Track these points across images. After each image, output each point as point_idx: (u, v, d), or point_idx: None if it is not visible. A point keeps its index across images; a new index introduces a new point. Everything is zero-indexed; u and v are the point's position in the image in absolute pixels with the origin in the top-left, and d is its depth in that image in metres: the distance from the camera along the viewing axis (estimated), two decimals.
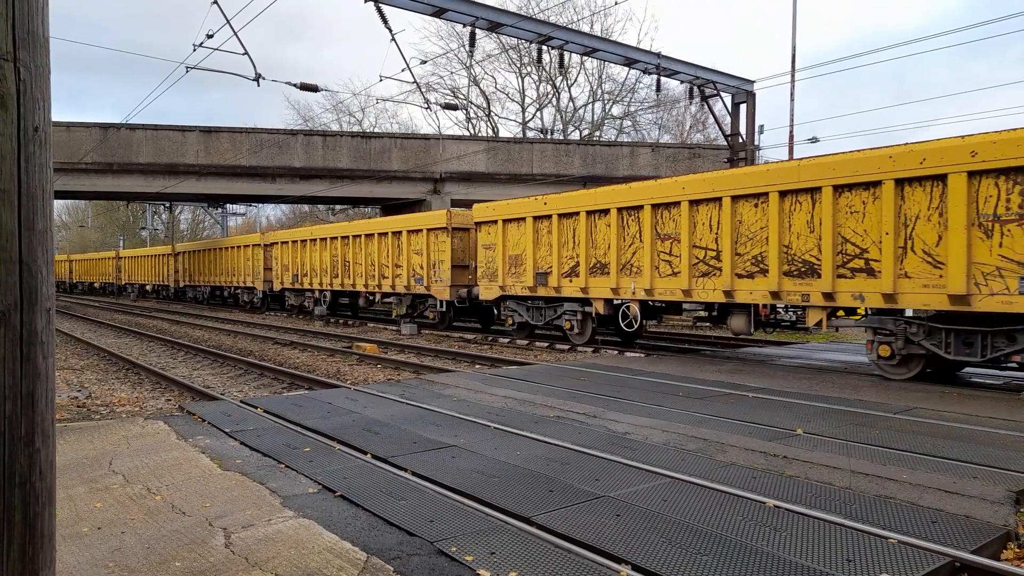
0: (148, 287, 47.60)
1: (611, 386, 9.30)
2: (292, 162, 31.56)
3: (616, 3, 33.84)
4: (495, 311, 18.23)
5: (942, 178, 9.38)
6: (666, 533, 4.02)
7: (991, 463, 5.44)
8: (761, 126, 27.27)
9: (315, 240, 26.63)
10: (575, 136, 46.16)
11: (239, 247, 33.42)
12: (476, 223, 18.03)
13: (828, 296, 10.70)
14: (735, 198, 11.94)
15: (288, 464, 5.56)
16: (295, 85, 19.19)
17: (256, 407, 7.98)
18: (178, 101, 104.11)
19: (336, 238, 25.29)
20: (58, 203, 72.24)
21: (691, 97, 22.71)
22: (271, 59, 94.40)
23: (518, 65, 46.25)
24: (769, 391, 8.91)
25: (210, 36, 16.03)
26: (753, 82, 22.45)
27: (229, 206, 48.28)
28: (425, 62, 34.35)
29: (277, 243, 29.73)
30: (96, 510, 4.51)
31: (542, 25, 19.54)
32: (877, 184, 10.02)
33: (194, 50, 16.33)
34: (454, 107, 24.53)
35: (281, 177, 31.90)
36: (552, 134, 46.51)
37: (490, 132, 47.45)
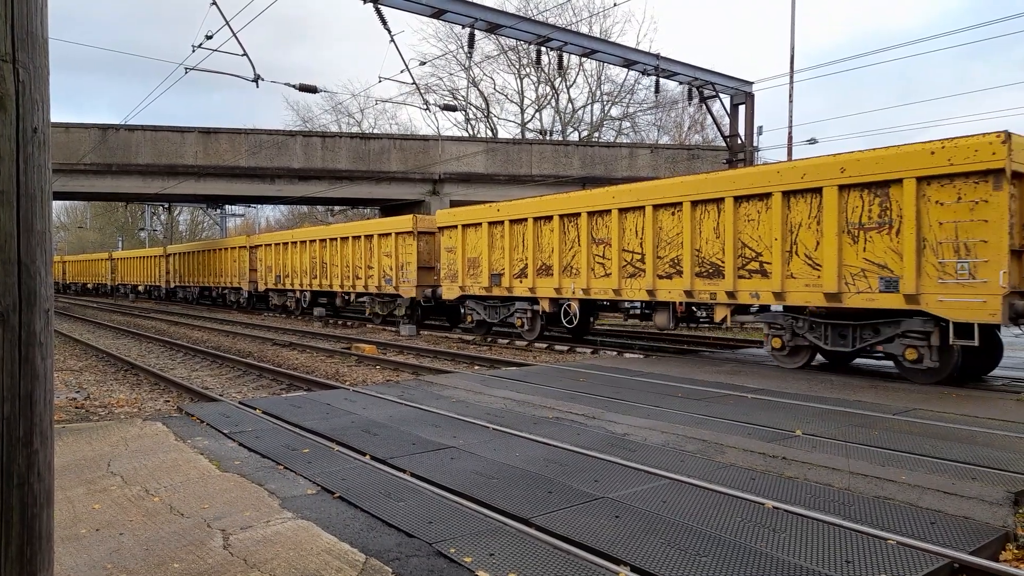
0: (140, 288, 49.19)
1: (610, 387, 9.30)
2: (291, 163, 31.56)
3: (615, 4, 33.87)
4: (461, 310, 19.34)
5: (818, 191, 10.67)
6: (665, 534, 4.02)
7: (990, 464, 5.45)
8: (760, 127, 27.32)
9: (296, 243, 28.09)
10: (574, 137, 46.20)
11: (226, 249, 34.74)
12: (439, 228, 19.40)
13: (731, 295, 12.01)
14: (656, 207, 13.31)
15: (287, 465, 5.55)
16: (294, 86, 19.20)
17: (255, 408, 7.97)
18: (178, 103, 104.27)
19: (315, 241, 26.67)
20: (57, 204, 72.20)
21: (690, 98, 22.74)
22: (272, 61, 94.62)
23: (517, 66, 46.33)
24: (768, 392, 8.91)
25: (209, 37, 16.03)
26: (752, 83, 22.47)
27: (228, 207, 48.29)
28: (424, 63, 34.41)
29: (261, 245, 31.20)
30: (94, 511, 4.50)
31: (541, 26, 19.56)
32: (768, 196, 11.34)
33: (193, 51, 16.33)
34: (453, 108, 24.54)
35: (280, 178, 31.89)
36: (551, 135, 46.55)
37: (489, 133, 47.49)
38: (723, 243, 12.06)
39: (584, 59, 24.94)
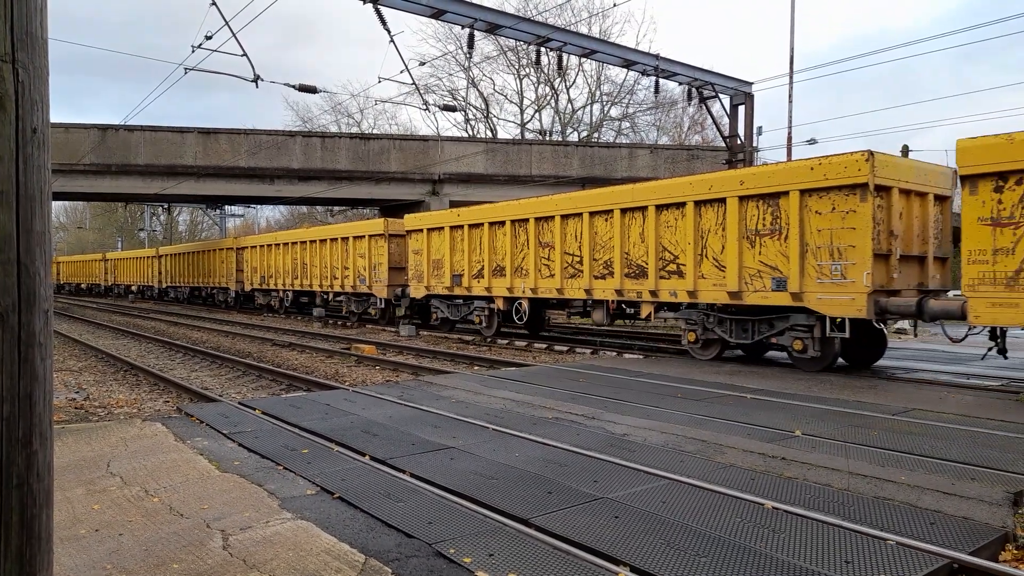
0: (134, 287, 50.52)
1: (609, 387, 9.30)
2: (291, 163, 31.55)
3: (615, 4, 33.87)
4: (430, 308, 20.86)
5: (723, 201, 12.00)
6: (664, 535, 4.02)
7: (989, 464, 5.45)
8: (759, 127, 27.31)
9: (278, 245, 29.71)
10: (573, 138, 46.20)
11: (215, 251, 36.21)
12: (407, 231, 20.75)
13: (653, 293, 13.41)
14: (591, 214, 14.63)
15: (286, 466, 5.55)
16: (293, 86, 19.19)
17: (254, 409, 7.97)
18: (179, 104, 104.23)
19: (296, 243, 28.19)
20: (56, 204, 72.18)
21: (689, 99, 22.74)
22: (275, 63, 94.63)
23: (516, 67, 46.31)
24: (767, 392, 8.91)
25: (208, 37, 16.03)
26: (751, 84, 22.48)
27: (227, 207, 48.29)
28: (424, 64, 34.43)
29: (247, 247, 32.78)
30: (94, 512, 4.50)
31: (540, 27, 19.56)
32: (683, 205, 12.68)
33: (192, 51, 16.33)
34: (453, 109, 24.60)
35: (280, 178, 31.89)
36: (550, 136, 46.56)
37: (488, 134, 47.49)
38: (647, 247, 13.42)
39: (584, 59, 24.96)
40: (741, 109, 22.49)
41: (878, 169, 10.28)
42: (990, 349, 9.87)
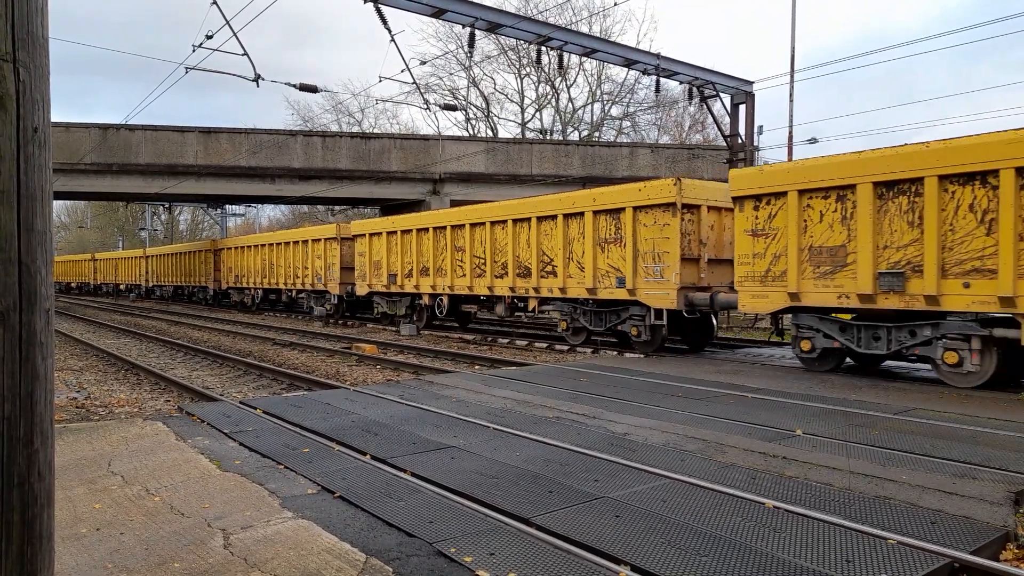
0: (122, 287, 52.88)
1: (610, 387, 9.30)
2: (291, 163, 31.55)
3: (615, 4, 33.84)
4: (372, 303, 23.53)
5: (582, 215, 14.97)
6: (665, 534, 4.02)
7: (990, 464, 5.45)
8: (760, 127, 27.31)
9: (250, 247, 32.49)
10: (574, 137, 46.18)
11: (195, 252, 39.07)
12: (353, 235, 23.52)
13: (536, 290, 16.33)
14: (492, 223, 17.37)
15: (287, 465, 5.55)
16: (294, 86, 19.19)
17: (255, 408, 7.97)
18: (181, 104, 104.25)
19: (265, 245, 30.98)
20: (57, 204, 72.28)
21: (690, 98, 22.72)
22: (277, 63, 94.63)
23: (517, 66, 46.31)
24: (768, 391, 8.91)
25: (209, 37, 16.03)
26: (752, 83, 22.46)
27: (228, 207, 48.29)
28: (424, 63, 34.37)
29: (223, 249, 35.63)
30: (95, 511, 4.50)
31: (541, 26, 19.55)
32: (555, 217, 15.58)
33: (193, 51, 16.33)
34: (453, 108, 24.53)
35: (280, 178, 31.89)
36: (551, 135, 46.54)
37: (489, 133, 47.48)
38: (531, 252, 16.25)
39: (584, 59, 24.93)
40: (742, 108, 22.47)
41: (684, 191, 13.15)
42: (772, 333, 12.74)
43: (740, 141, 22.24)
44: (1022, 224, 8.70)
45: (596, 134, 46.93)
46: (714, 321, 14.66)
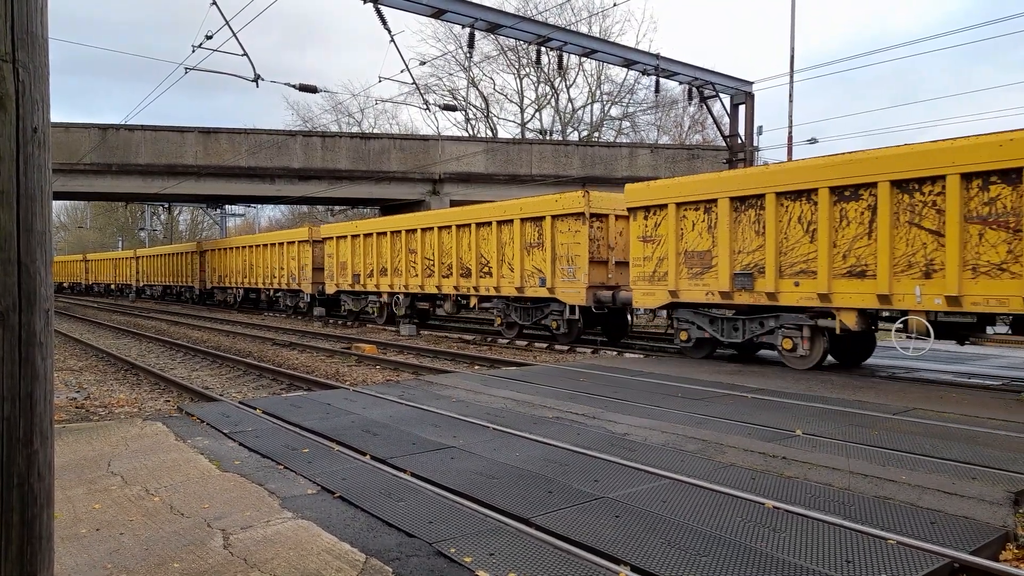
0: (112, 286, 54.89)
1: (610, 387, 9.30)
2: (291, 163, 31.55)
3: (615, 4, 33.86)
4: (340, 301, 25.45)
5: (511, 222, 16.98)
6: (665, 534, 4.02)
7: (990, 464, 5.45)
8: (760, 127, 27.30)
9: (232, 248, 34.32)
10: (574, 137, 46.19)
11: (183, 253, 41.06)
12: (323, 238, 25.53)
13: (476, 289, 18.21)
14: (439, 228, 19.43)
15: (287, 465, 5.55)
16: (294, 86, 19.19)
17: (255, 408, 7.97)
18: (182, 105, 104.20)
19: (245, 247, 32.78)
20: (57, 204, 72.32)
21: (690, 98, 22.73)
22: (279, 64, 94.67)
23: (517, 66, 46.32)
24: (768, 392, 8.91)
25: (209, 37, 16.03)
26: (752, 83, 22.47)
27: (228, 207, 48.30)
28: (424, 63, 34.42)
29: (207, 250, 37.73)
30: (94, 511, 4.50)
31: (541, 26, 19.56)
32: (490, 223, 17.65)
33: (193, 51, 16.33)
34: (453, 108, 24.61)
35: (280, 178, 31.89)
36: (551, 135, 46.55)
37: (489, 133, 47.49)
38: (472, 254, 18.18)
39: (584, 59, 24.95)
40: (742, 108, 22.48)
41: (592, 203, 15.19)
42: (669, 326, 14.14)
43: (740, 141, 22.24)
44: (836, 234, 10.49)
45: (596, 134, 46.94)
46: (629, 317, 16.46)
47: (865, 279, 10.21)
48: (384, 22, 15.70)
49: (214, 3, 15.21)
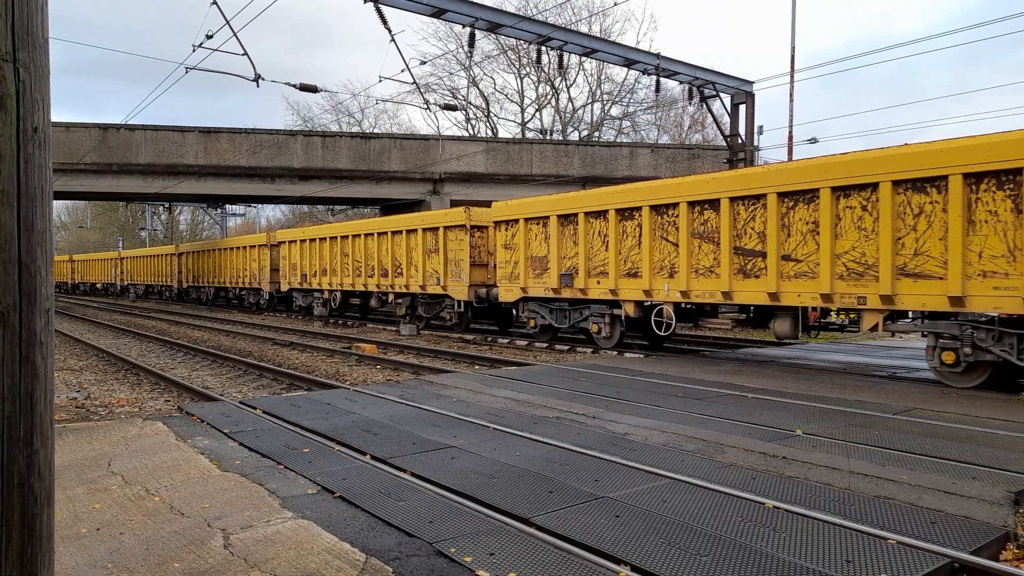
0: (99, 285, 58.30)
1: (610, 387, 9.30)
2: (291, 163, 31.54)
3: (615, 4, 33.84)
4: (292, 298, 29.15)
5: (416, 230, 20.66)
6: (665, 534, 4.02)
7: (990, 464, 5.45)
8: (760, 127, 27.28)
9: (205, 251, 37.89)
10: (574, 137, 46.17)
11: (162, 255, 44.68)
12: (278, 242, 29.24)
13: (391, 287, 21.94)
14: (366, 235, 23.27)
15: (287, 465, 5.55)
16: (295, 86, 19.19)
17: (255, 408, 7.97)
18: (184, 106, 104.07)
19: (215, 250, 36.41)
20: (57, 203, 72.36)
21: (690, 98, 22.72)
22: (286, 66, 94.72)
23: (517, 66, 46.29)
24: (768, 392, 8.91)
25: (209, 36, 16.03)
26: (752, 83, 22.46)
27: (228, 207, 48.30)
28: (424, 63, 34.29)
29: (184, 253, 41.16)
30: (95, 511, 4.50)
31: (541, 26, 19.55)
32: (401, 232, 21.39)
33: (193, 50, 16.32)
34: (453, 108, 24.55)
35: (280, 178, 31.88)
36: (551, 135, 46.53)
37: (489, 133, 47.47)
38: (388, 257, 21.99)
39: (584, 58, 24.95)
40: (742, 108, 22.47)
41: (473, 217, 18.70)
42: (527, 320, 16.79)
43: (740, 141, 22.23)
44: (620, 244, 13.87)
45: (596, 134, 46.93)
46: (514, 312, 18.01)
47: (637, 278, 13.58)
48: (384, 21, 15.70)
49: (214, 3, 15.20)
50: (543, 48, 19.25)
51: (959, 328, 9.34)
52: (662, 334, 13.65)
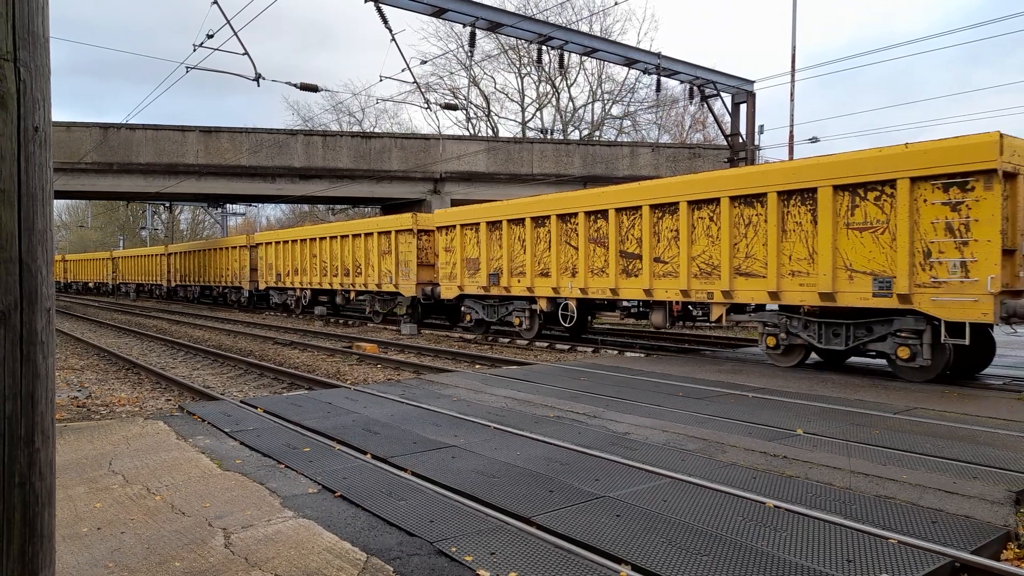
0: (91, 284, 60.46)
1: (611, 386, 9.30)
2: (292, 162, 31.54)
3: (616, 3, 33.82)
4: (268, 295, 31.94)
5: (372, 234, 22.94)
6: (666, 533, 4.02)
7: (991, 463, 5.44)
8: (761, 126, 27.23)
9: (191, 252, 40.18)
10: (575, 136, 46.15)
11: (152, 255, 47.37)
12: (255, 244, 31.71)
13: (352, 285, 24.09)
14: (331, 238, 25.43)
15: (288, 464, 5.55)
16: (295, 85, 19.18)
17: (256, 407, 7.97)
18: (186, 106, 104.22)
19: (200, 251, 38.68)
20: (58, 203, 72.42)
21: (691, 97, 22.71)
22: (291, 68, 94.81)
23: (517, 65, 46.27)
24: (769, 391, 8.91)
25: (210, 36, 16.03)
26: (753, 82, 22.45)
27: (229, 206, 48.30)
28: (425, 62, 34.31)
29: (172, 253, 43.50)
30: (96, 510, 4.51)
31: (542, 25, 19.54)
32: (359, 235, 23.60)
33: (194, 50, 16.32)
34: (454, 107, 24.54)
35: (281, 177, 31.88)
36: (552, 134, 46.51)
37: (490, 132, 47.45)
38: (350, 258, 24.15)
39: (585, 58, 24.96)
40: (743, 107, 22.46)
41: (419, 222, 20.92)
42: (465, 317, 18.80)
43: (741, 140, 22.22)
44: (534, 248, 16.05)
45: (597, 133, 46.91)
46: (462, 308, 19.26)
47: (548, 277, 15.61)
48: (385, 21, 15.70)
49: (215, 2, 15.20)
50: (544, 47, 19.24)
51: (778, 317, 11.37)
52: (567, 325, 15.86)
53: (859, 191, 10.07)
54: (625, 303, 14.58)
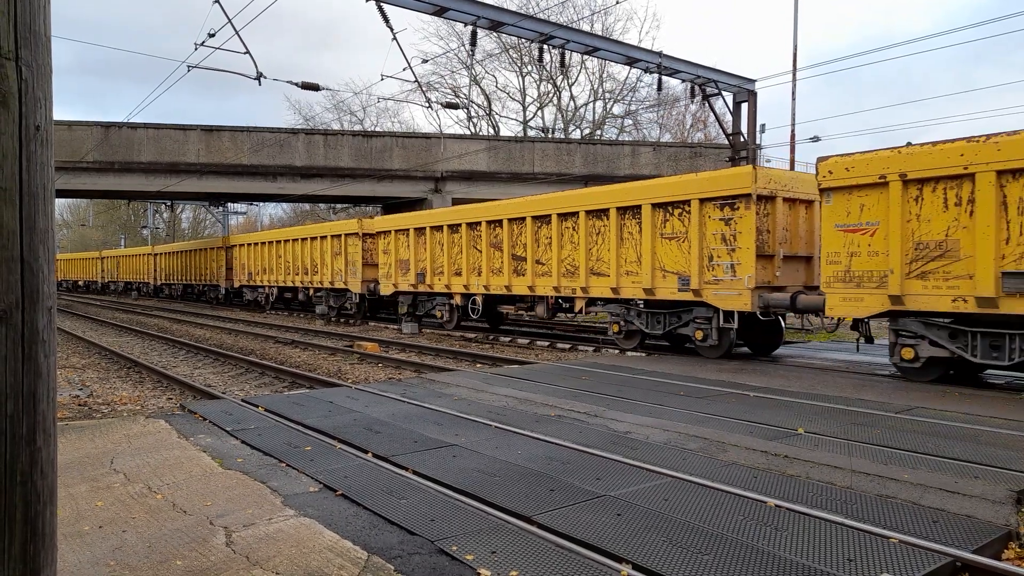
0: (80, 283, 64.01)
1: (612, 385, 9.30)
2: (293, 161, 31.54)
3: (617, 2, 33.78)
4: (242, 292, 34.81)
5: (327, 236, 25.24)
6: (667, 532, 4.02)
7: (993, 463, 5.44)
8: (763, 125, 27.24)
9: (175, 252, 43.07)
10: (576, 135, 46.13)
11: (138, 256, 50.25)
12: (231, 246, 34.71)
13: (311, 282, 26.36)
14: (292, 241, 27.98)
15: (289, 463, 5.56)
16: (297, 84, 19.18)
17: (257, 406, 7.98)
18: (188, 106, 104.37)
19: (184, 251, 41.39)
20: (59, 202, 72.51)
21: (692, 96, 22.69)
22: (295, 68, 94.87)
23: (519, 64, 46.26)
24: (770, 390, 8.90)
25: (212, 35, 16.03)
26: (754, 81, 22.42)
27: (230, 205, 48.33)
28: (426, 61, 34.35)
29: (158, 254, 46.28)
30: (97, 509, 4.51)
31: (543, 24, 19.52)
32: (315, 238, 26.05)
33: (196, 49, 16.32)
34: (455, 106, 24.57)
35: (282, 176, 31.87)
36: (553, 133, 46.49)
37: (491, 131, 47.42)
38: (308, 259, 26.58)
39: (586, 57, 24.96)
40: (744, 107, 22.43)
41: (364, 226, 23.27)
42: (401, 309, 21.41)
43: (742, 139, 22.20)
44: (451, 250, 18.68)
45: (598, 132, 46.89)
46: (398, 302, 21.37)
47: (460, 276, 18.32)
48: (386, 20, 15.69)
49: (216, 1, 15.20)
50: (545, 46, 19.23)
51: (620, 308, 14.07)
52: (475, 317, 18.60)
53: (669, 208, 12.93)
54: (517, 298, 17.13)
